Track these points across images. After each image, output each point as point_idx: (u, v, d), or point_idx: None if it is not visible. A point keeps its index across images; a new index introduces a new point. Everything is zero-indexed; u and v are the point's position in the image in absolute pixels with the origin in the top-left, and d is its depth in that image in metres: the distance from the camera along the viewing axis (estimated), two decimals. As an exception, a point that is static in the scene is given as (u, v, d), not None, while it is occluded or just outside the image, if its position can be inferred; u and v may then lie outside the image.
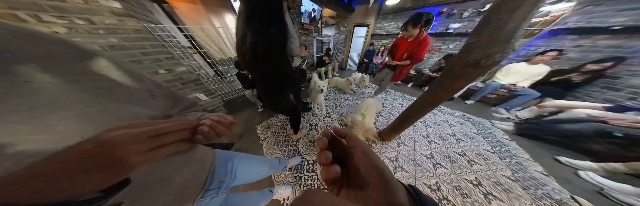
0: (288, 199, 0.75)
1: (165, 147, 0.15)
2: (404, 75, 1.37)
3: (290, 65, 0.56)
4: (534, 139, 1.28)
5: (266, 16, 0.40)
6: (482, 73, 0.54)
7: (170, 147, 0.15)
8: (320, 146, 0.15)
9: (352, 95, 2.07)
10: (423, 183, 0.86)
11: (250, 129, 1.30)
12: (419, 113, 0.84)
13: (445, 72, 0.63)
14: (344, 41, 3.58)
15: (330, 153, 0.14)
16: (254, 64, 0.48)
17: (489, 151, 1.14)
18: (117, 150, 0.12)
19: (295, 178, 0.85)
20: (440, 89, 0.66)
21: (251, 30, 0.40)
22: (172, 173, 0.22)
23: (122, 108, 0.17)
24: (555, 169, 1.02)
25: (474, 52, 0.50)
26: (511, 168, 1.00)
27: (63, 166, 0.10)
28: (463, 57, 0.53)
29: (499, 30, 0.44)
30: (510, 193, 0.84)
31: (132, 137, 0.13)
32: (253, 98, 1.50)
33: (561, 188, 0.88)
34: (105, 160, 0.11)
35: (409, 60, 1.21)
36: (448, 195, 0.79)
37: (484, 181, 0.89)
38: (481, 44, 0.48)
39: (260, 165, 0.47)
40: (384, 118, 1.53)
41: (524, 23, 0.42)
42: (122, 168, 0.12)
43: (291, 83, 0.59)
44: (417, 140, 1.21)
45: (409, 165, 0.97)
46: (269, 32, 0.41)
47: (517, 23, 0.42)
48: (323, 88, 1.18)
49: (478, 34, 0.49)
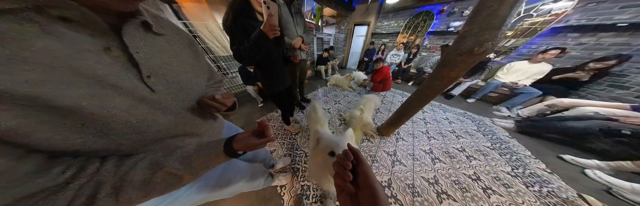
0: (285, 187, 0.76)
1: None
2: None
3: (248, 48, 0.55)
4: (535, 137, 1.26)
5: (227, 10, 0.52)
6: (476, 61, 0.54)
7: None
8: (346, 167, 0.18)
9: (351, 92, 2.08)
10: (421, 176, 0.85)
11: (251, 123, 1.32)
12: (417, 107, 0.85)
13: (441, 62, 0.63)
14: (344, 40, 3.61)
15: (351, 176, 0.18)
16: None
17: (489, 147, 1.13)
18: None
19: (293, 169, 0.86)
20: (437, 79, 0.66)
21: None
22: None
23: (201, 73, 0.31)
24: (560, 167, 1.00)
25: (467, 40, 0.51)
26: (511, 164, 0.99)
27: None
28: (457, 45, 0.54)
29: (490, 18, 0.45)
30: (510, 188, 0.83)
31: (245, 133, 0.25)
32: (254, 93, 1.53)
33: (567, 187, 0.86)
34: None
35: None
36: (447, 189, 0.79)
37: (482, 176, 0.88)
38: (474, 32, 0.49)
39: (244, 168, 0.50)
40: (383, 114, 1.53)
41: (513, 10, 0.43)
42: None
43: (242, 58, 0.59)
44: (416, 135, 1.20)
45: (407, 160, 0.96)
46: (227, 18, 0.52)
47: (507, 11, 0.43)
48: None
49: (471, 23, 0.50)
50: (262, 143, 0.23)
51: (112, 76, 0.17)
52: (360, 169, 0.18)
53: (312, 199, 0.71)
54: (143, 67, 0.19)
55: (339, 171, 0.18)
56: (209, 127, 0.31)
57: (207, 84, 0.34)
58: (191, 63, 0.28)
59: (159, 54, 0.22)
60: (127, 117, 0.18)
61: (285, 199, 0.72)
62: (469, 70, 1.79)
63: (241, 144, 0.23)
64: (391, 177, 0.84)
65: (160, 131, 0.22)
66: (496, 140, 1.22)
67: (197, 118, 0.27)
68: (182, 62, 0.26)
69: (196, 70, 0.29)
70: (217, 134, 0.34)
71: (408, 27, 2.77)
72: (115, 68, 0.17)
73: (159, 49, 0.22)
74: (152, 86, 0.20)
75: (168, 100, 0.22)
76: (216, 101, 0.27)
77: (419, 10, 2.57)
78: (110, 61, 0.17)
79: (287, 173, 0.81)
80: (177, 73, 0.24)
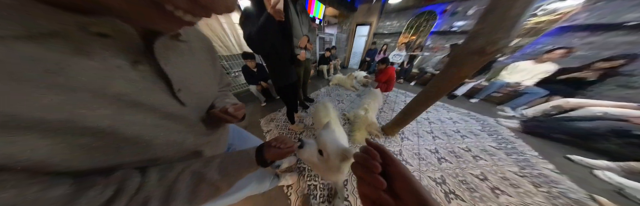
0: (291, 187, 0.75)
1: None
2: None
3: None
4: (540, 137, 1.24)
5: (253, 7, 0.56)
6: (486, 60, 0.54)
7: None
8: (376, 170, 0.13)
9: (354, 92, 2.07)
10: (428, 176, 0.85)
11: (254, 122, 1.32)
12: (422, 106, 0.84)
13: (450, 61, 0.63)
14: (346, 40, 3.61)
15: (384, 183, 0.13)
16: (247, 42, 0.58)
17: (495, 147, 1.12)
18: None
19: (298, 168, 0.86)
20: (445, 79, 0.66)
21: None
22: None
23: (216, 79, 0.30)
24: (568, 168, 0.98)
25: (479, 39, 0.50)
26: (518, 164, 0.98)
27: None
28: (468, 44, 0.53)
29: (503, 16, 0.45)
30: (518, 189, 0.82)
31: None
32: (257, 93, 1.53)
33: (577, 188, 0.84)
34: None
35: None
36: (455, 189, 0.78)
37: (490, 176, 0.87)
38: (485, 31, 0.49)
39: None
40: (387, 114, 1.52)
41: (527, 10, 0.43)
42: None
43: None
44: (421, 135, 1.20)
45: (413, 159, 0.96)
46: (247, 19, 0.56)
47: (521, 10, 0.43)
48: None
49: (482, 22, 0.49)
50: (290, 151, 0.24)
51: (140, 92, 0.15)
52: (393, 170, 0.13)
53: (319, 199, 0.71)
54: (174, 80, 0.18)
55: (365, 177, 0.13)
56: (220, 133, 0.30)
57: (218, 88, 0.33)
58: (210, 69, 0.27)
59: (183, 63, 0.21)
60: (150, 133, 0.17)
61: (292, 199, 0.71)
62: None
63: (272, 153, 0.23)
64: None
65: (183, 144, 0.21)
66: (502, 140, 1.20)
67: (209, 126, 0.26)
68: (203, 70, 0.25)
69: (212, 77, 0.28)
70: (225, 140, 0.34)
71: (410, 27, 2.76)
72: (145, 84, 0.16)
73: (183, 58, 0.21)
74: (183, 99, 0.20)
75: (192, 111, 0.22)
76: (228, 114, 0.25)
77: (422, 10, 2.56)
78: (137, 76, 0.15)
79: (293, 173, 0.80)
80: (198, 82, 0.23)
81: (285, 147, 0.24)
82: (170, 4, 0.12)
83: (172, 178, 0.18)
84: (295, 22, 0.89)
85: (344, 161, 0.33)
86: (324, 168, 0.34)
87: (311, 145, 0.30)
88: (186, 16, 0.13)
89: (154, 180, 0.17)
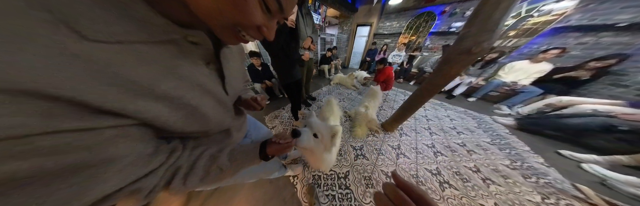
0: (297, 177, 0.82)
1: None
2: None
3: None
4: (535, 134, 1.30)
5: None
6: (473, 59, 0.60)
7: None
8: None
9: (355, 91, 2.13)
10: (425, 168, 0.91)
11: (259, 119, 1.38)
12: (420, 102, 0.90)
13: (442, 60, 0.69)
14: (346, 40, 3.67)
15: None
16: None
17: (489, 143, 1.17)
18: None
19: (303, 160, 0.92)
20: (439, 76, 0.72)
21: None
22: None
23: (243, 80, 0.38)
24: (558, 162, 1.04)
25: (466, 41, 0.57)
26: (510, 158, 1.03)
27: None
28: (458, 45, 0.59)
29: (487, 20, 0.51)
30: (508, 179, 0.87)
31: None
32: (262, 90, 1.60)
33: (563, 179, 0.90)
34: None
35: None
36: (449, 179, 0.84)
37: (482, 168, 0.93)
38: (472, 33, 0.55)
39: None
40: (386, 111, 1.58)
41: (507, 14, 0.49)
42: None
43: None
44: (419, 131, 1.26)
45: (411, 153, 1.02)
46: None
47: (502, 14, 0.49)
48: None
49: (469, 25, 0.56)
50: (289, 147, 0.28)
51: (210, 83, 0.22)
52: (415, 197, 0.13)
53: (323, 187, 0.78)
54: (227, 76, 0.25)
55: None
56: (243, 120, 0.38)
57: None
58: (241, 67, 0.33)
59: (230, 64, 0.27)
60: (211, 112, 0.23)
61: (298, 188, 0.78)
62: (480, 65, 1.75)
63: (273, 149, 0.27)
64: (396, 168, 0.90)
65: (223, 122, 0.28)
66: (496, 136, 1.26)
67: (237, 111, 0.34)
68: (238, 68, 0.31)
69: (242, 74, 0.35)
70: (246, 126, 0.41)
71: (410, 28, 2.82)
72: (212, 78, 0.23)
73: (231, 60, 0.27)
74: (228, 90, 0.26)
75: (231, 100, 0.29)
76: (257, 102, 0.35)
77: (421, 11, 2.62)
78: (209, 72, 0.22)
79: (299, 164, 0.87)
80: (237, 77, 0.30)
81: (285, 142, 0.27)
82: (245, 31, 0.18)
83: (196, 155, 0.23)
84: (301, 24, 0.96)
85: (334, 137, 0.41)
86: (319, 152, 0.37)
87: (306, 131, 0.33)
88: (248, 38, 0.20)
89: (186, 155, 0.22)
